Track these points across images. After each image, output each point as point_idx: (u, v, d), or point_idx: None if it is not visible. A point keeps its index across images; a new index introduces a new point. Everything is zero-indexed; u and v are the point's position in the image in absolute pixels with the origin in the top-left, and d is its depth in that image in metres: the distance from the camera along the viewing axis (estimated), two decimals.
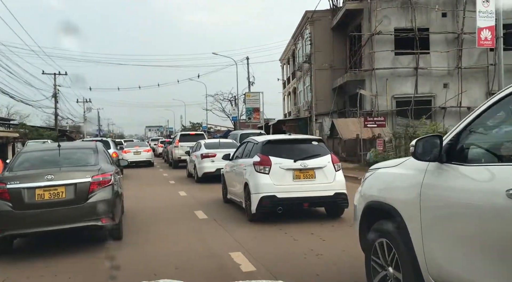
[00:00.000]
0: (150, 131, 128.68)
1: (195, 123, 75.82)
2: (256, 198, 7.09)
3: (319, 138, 8.77)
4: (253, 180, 7.27)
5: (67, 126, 65.93)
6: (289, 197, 7.08)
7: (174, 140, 22.57)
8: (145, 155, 23.86)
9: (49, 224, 5.52)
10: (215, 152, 14.28)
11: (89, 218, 5.64)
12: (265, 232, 6.75)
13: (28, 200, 5.45)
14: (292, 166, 7.13)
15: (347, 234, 5.73)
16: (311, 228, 6.76)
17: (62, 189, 5.56)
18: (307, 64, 29.57)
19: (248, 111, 36.36)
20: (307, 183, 7.12)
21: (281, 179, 7.10)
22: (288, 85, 40.99)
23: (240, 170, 8.21)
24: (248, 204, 7.43)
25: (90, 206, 5.62)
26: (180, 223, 7.82)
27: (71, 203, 5.56)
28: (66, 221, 5.57)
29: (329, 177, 7.24)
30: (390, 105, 22.81)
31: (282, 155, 7.27)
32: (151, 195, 12.23)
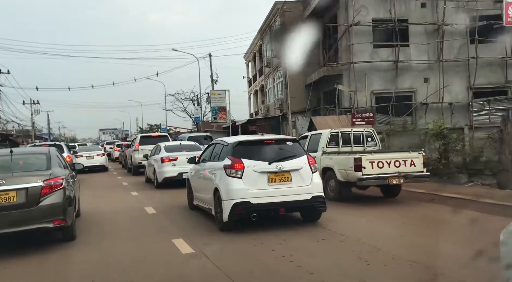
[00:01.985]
0: (104, 134, 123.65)
1: (153, 125, 72.39)
2: (228, 205, 6.60)
3: (294, 138, 8.22)
4: (224, 185, 6.79)
5: (13, 130, 60.70)
6: (265, 202, 6.63)
7: (134, 143, 19.93)
8: (99, 160, 23.09)
9: (1, 227, 5.67)
10: (177, 155, 13.54)
11: (41, 220, 5.85)
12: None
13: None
14: (267, 169, 6.72)
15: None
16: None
17: (13, 194, 5.75)
18: (276, 59, 27.68)
19: (214, 110, 34.03)
20: (283, 186, 6.73)
21: (255, 183, 6.66)
22: (254, 83, 39.02)
23: (208, 175, 7.66)
24: (218, 212, 6.91)
25: (42, 209, 5.84)
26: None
27: (22, 207, 5.76)
28: (18, 224, 5.76)
29: (306, 180, 6.86)
30: (370, 101, 21.33)
31: (256, 157, 6.83)
32: (108, 205, 10.40)
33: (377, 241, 5.76)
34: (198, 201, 8.42)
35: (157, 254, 5.62)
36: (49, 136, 70.20)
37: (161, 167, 13.56)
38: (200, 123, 41.61)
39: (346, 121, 19.70)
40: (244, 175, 6.65)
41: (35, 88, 42.91)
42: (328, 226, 6.88)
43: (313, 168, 7.00)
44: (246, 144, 7.22)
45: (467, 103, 21.41)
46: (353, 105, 20.97)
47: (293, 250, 5.55)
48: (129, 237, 6.72)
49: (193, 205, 8.79)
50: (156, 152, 14.89)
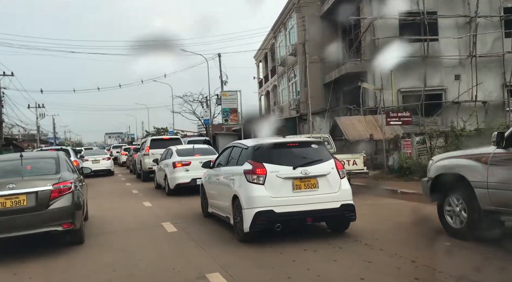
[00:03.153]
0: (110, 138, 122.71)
1: (160, 128, 71.12)
2: (249, 214, 6.05)
3: (319, 140, 7.59)
4: (244, 192, 6.22)
5: (19, 134, 59.69)
6: (289, 211, 6.06)
7: (144, 147, 18.48)
8: (105, 164, 22.70)
9: (11, 230, 5.78)
10: (190, 160, 12.28)
11: (50, 224, 5.94)
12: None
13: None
14: (291, 174, 6.16)
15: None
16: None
17: (23, 197, 5.85)
18: (292, 57, 26.25)
19: (225, 112, 32.52)
20: (309, 194, 6.16)
21: (279, 190, 6.11)
22: (265, 84, 37.58)
23: (225, 180, 7.10)
24: (238, 221, 6.34)
25: (51, 212, 5.93)
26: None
27: (32, 210, 5.84)
28: (28, 227, 5.85)
29: (334, 186, 6.29)
30: (396, 100, 19.81)
31: (278, 162, 6.27)
32: (119, 220, 8.79)
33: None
34: (214, 209, 7.80)
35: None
36: (54, 140, 69.14)
37: (173, 172, 12.25)
38: (209, 126, 40.16)
39: (373, 121, 18.19)
40: (267, 181, 6.09)
41: (40, 91, 41.42)
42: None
43: (341, 173, 6.41)
44: (267, 147, 6.59)
45: (503, 101, 19.83)
46: (378, 105, 19.45)
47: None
48: (150, 272, 5.22)
49: (208, 213, 8.18)
50: (167, 156, 13.54)
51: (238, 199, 6.28)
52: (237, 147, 7.33)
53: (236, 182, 6.49)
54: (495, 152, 5.36)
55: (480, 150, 5.76)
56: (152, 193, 13.35)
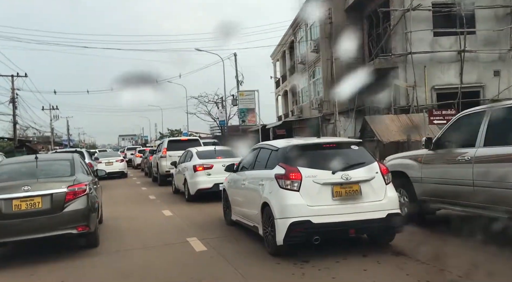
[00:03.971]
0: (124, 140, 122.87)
1: (173, 130, 70.41)
2: (283, 224, 5.35)
3: (359, 140, 7.02)
4: (277, 200, 5.55)
5: (34, 136, 59.46)
6: (329, 222, 5.34)
7: (160, 149, 17.38)
8: (118, 166, 22.63)
9: (26, 233, 5.70)
10: (212, 163, 11.19)
11: (65, 226, 5.83)
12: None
13: (5, 210, 5.62)
14: (331, 180, 5.45)
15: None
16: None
17: (38, 200, 5.75)
18: (314, 54, 24.97)
19: (242, 112, 31.36)
20: (351, 202, 5.46)
21: (317, 198, 5.41)
22: (283, 83, 36.34)
23: (253, 186, 6.42)
24: (269, 232, 5.68)
25: (66, 215, 5.83)
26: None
27: (47, 213, 5.75)
28: (42, 230, 5.74)
29: (379, 193, 5.59)
30: (430, 98, 18.39)
31: (314, 165, 5.60)
32: (137, 235, 7.56)
33: None
34: (239, 217, 7.10)
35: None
36: (68, 142, 68.87)
37: (193, 176, 11.14)
38: (225, 127, 39.04)
39: (407, 121, 16.82)
40: (302, 187, 5.41)
41: (53, 92, 40.85)
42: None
43: (386, 179, 5.70)
44: (301, 148, 5.96)
45: None
46: (411, 103, 18.06)
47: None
48: None
49: (231, 220, 7.46)
50: (186, 158, 12.44)
51: (269, 207, 5.60)
52: (265, 148, 6.62)
53: (266, 188, 5.81)
54: (427, 153, 6.64)
55: (418, 152, 7.09)
56: (170, 199, 12.21)
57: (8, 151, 28.07)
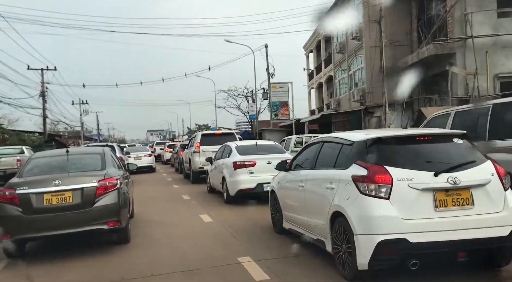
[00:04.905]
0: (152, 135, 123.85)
1: (201, 125, 69.66)
2: (368, 243, 3.98)
3: (463, 132, 4.80)
4: (357, 210, 4.11)
5: (65, 131, 59.83)
6: (432, 241, 3.92)
7: (193, 143, 16.08)
8: (146, 160, 22.65)
9: (57, 228, 5.59)
10: (254, 159, 9.78)
11: (96, 222, 5.69)
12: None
13: (36, 205, 5.55)
14: (433, 184, 4.03)
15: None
16: None
17: (69, 194, 5.63)
18: (355, 42, 23.13)
19: (274, 106, 29.88)
20: (460, 214, 4.02)
21: (414, 209, 4.01)
22: (317, 75, 34.54)
23: (317, 189, 4.96)
24: (344, 251, 4.29)
25: (97, 210, 5.68)
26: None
27: (78, 208, 5.63)
28: (73, 225, 5.62)
29: (496, 202, 4.11)
30: (493, 87, 16.32)
31: (408, 164, 4.17)
32: (171, 248, 6.10)
33: None
34: (294, 225, 5.80)
35: None
36: (98, 137, 69.23)
37: (233, 175, 9.75)
38: (255, 121, 37.60)
39: None
40: (394, 193, 4.05)
41: (82, 85, 40.45)
42: None
43: (505, 183, 4.25)
44: (387, 142, 4.52)
45: None
46: (471, 93, 16.05)
47: None
48: None
49: (282, 228, 6.20)
50: (224, 154, 11.07)
51: (344, 218, 4.28)
52: (331, 142, 5.25)
53: (339, 193, 4.46)
54: None
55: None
56: (206, 200, 10.85)
57: (37, 145, 27.64)
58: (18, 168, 18.46)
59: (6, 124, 45.48)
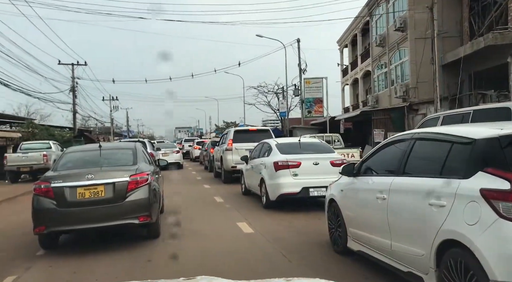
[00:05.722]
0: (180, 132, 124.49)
1: (229, 122, 68.89)
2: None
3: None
4: (499, 243, 2.77)
5: (96, 127, 60.30)
6: None
7: (225, 140, 15.02)
8: (174, 157, 22.96)
9: (89, 221, 5.67)
10: (299, 160, 8.52)
11: (127, 216, 5.75)
12: None
13: (70, 198, 5.65)
14: None
15: None
16: None
17: (101, 188, 5.71)
18: (399, 33, 21.49)
19: (308, 102, 28.52)
20: None
21: None
22: (352, 71, 32.90)
23: (410, 203, 3.62)
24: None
25: (128, 204, 5.74)
26: None
27: (110, 202, 5.70)
28: (105, 219, 5.69)
29: None
30: None
31: None
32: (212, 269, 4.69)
33: None
34: (367, 248, 4.43)
35: None
36: (128, 133, 69.63)
37: (274, 177, 8.53)
38: (285, 119, 36.31)
39: None
40: None
41: (112, 81, 40.23)
42: None
43: None
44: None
45: None
46: None
47: None
48: None
49: (346, 248, 4.97)
50: (261, 153, 9.92)
51: (467, 252, 2.93)
52: (429, 139, 3.96)
53: (456, 214, 3.14)
54: None
55: None
56: (242, 204, 9.73)
57: (66, 141, 27.38)
58: (44, 163, 18.00)
59: (38, 119, 46.18)
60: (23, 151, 18.34)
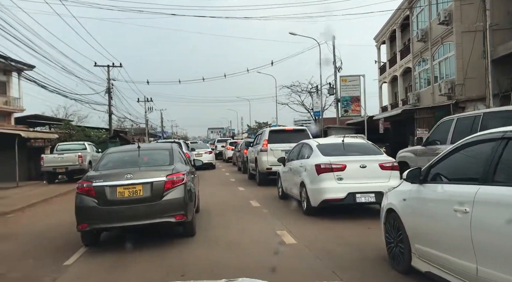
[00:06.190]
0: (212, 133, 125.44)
1: (261, 123, 68.42)
2: None
3: None
4: None
5: (131, 128, 61.32)
6: None
7: (260, 141, 14.43)
8: (207, 157, 23.19)
9: (128, 219, 5.88)
10: (344, 162, 7.72)
11: (164, 214, 5.93)
12: None
13: (110, 197, 5.86)
14: None
15: None
16: None
17: (140, 187, 5.91)
18: (443, 27, 20.23)
19: (344, 101, 27.54)
20: None
21: None
22: (391, 68, 31.58)
23: (505, 220, 2.77)
24: None
25: (165, 203, 5.92)
26: None
27: (147, 201, 5.89)
28: (143, 217, 5.89)
29: None
30: None
31: None
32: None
33: None
34: (442, 270, 3.62)
35: None
36: (162, 134, 70.50)
37: (316, 181, 7.77)
38: (320, 118, 35.38)
39: None
40: None
41: (146, 82, 40.61)
42: None
43: None
44: None
45: None
46: None
47: None
48: None
49: (409, 267, 4.17)
50: (301, 154, 9.23)
51: None
52: None
53: None
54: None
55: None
56: (281, 209, 9.10)
57: (102, 142, 27.63)
58: (79, 164, 18.05)
59: (76, 121, 47.28)
60: (59, 152, 18.47)
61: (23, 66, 26.61)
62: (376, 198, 7.31)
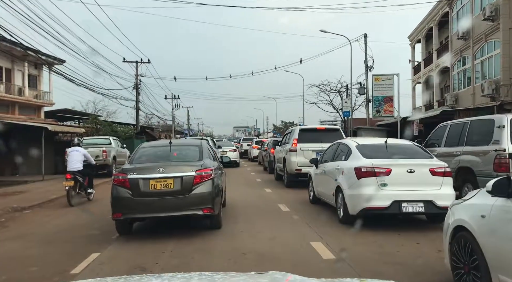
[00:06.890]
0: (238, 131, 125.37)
1: (287, 122, 67.48)
2: None
3: None
4: None
5: (158, 124, 61.63)
6: None
7: (289, 140, 13.64)
8: (231, 155, 23.34)
9: (159, 210, 6.33)
10: (388, 165, 6.81)
11: (193, 207, 6.33)
12: None
13: (143, 189, 6.27)
14: None
15: None
16: None
17: (171, 181, 6.29)
18: (488, 23, 18.87)
19: (377, 101, 26.35)
20: None
21: None
22: (426, 68, 30.11)
23: None
24: None
25: (194, 197, 6.30)
26: None
27: (177, 194, 6.29)
28: (173, 209, 6.32)
29: None
30: None
31: None
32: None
33: None
34: None
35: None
36: (188, 131, 70.64)
37: (356, 186, 6.93)
38: (349, 119, 34.24)
39: None
40: None
41: (173, 78, 40.49)
42: None
43: None
44: None
45: None
46: None
47: None
48: None
49: None
50: (336, 155, 8.40)
51: None
52: None
53: None
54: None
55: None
56: (313, 215, 8.31)
57: (128, 137, 27.50)
58: (103, 159, 17.78)
59: (105, 116, 47.72)
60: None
61: (54, 60, 26.81)
62: (425, 208, 6.45)
